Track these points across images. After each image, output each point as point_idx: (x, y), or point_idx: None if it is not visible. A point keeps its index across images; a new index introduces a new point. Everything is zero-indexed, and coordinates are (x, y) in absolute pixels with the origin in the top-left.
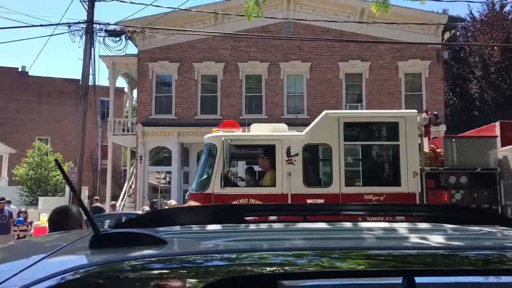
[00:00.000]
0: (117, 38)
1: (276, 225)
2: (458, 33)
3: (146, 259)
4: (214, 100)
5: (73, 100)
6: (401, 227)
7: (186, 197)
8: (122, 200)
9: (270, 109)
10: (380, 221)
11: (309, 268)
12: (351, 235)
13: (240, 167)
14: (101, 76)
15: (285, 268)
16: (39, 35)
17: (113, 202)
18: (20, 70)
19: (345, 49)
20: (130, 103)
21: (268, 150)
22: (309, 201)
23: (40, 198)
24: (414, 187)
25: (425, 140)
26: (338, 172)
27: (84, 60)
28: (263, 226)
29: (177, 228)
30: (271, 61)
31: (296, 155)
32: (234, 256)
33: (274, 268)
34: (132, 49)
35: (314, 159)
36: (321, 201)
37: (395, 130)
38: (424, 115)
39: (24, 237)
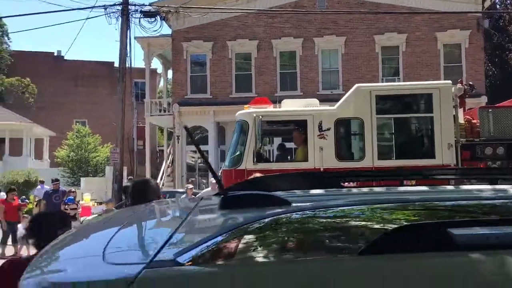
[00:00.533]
0: (152, 19)
1: (378, 189)
2: (497, 0)
3: (300, 212)
4: (249, 78)
5: (107, 82)
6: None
7: (220, 173)
8: (161, 179)
9: (304, 85)
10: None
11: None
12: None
13: (273, 143)
14: (135, 58)
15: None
16: (73, 19)
17: None
18: (56, 54)
19: (381, 22)
20: (165, 84)
21: (300, 125)
22: None
23: (82, 179)
24: (449, 159)
25: (460, 111)
26: (371, 145)
27: (120, 42)
28: (366, 190)
29: (282, 193)
30: (305, 37)
31: (328, 129)
32: (384, 206)
33: (444, 216)
34: (166, 29)
35: (346, 133)
36: None
37: (429, 101)
38: (458, 85)
39: (74, 215)
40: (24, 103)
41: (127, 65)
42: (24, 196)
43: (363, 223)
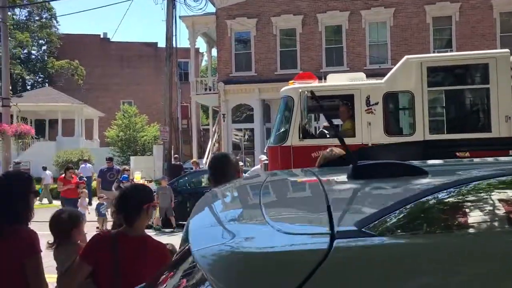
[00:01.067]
0: None
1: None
2: None
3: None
4: (294, 55)
5: (151, 63)
6: None
7: (265, 151)
8: (207, 158)
9: (351, 60)
10: None
11: None
12: None
13: (318, 119)
14: (180, 38)
15: None
16: (119, 1)
17: (193, 160)
18: (102, 36)
19: None
20: (209, 63)
21: (347, 100)
22: None
23: (132, 158)
24: (506, 132)
25: None
26: (422, 119)
27: (167, 21)
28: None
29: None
30: (351, 10)
31: (376, 103)
32: None
33: None
34: (210, 8)
35: (395, 107)
36: None
37: (484, 72)
38: None
39: None
40: (73, 85)
41: (173, 44)
42: (82, 174)
43: None
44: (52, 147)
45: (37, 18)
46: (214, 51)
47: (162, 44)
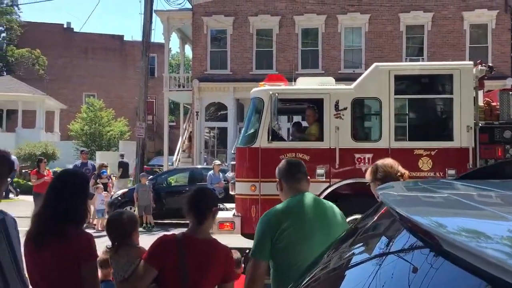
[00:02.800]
0: None
1: None
2: None
3: None
4: (270, 55)
5: (117, 56)
6: None
7: (233, 152)
8: (177, 155)
9: (326, 63)
10: None
11: None
12: None
13: (288, 121)
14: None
15: None
16: None
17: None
18: (65, 26)
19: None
20: (182, 59)
21: (315, 104)
22: (357, 155)
23: (97, 153)
24: (467, 142)
25: (480, 93)
26: (388, 126)
27: (144, 15)
28: None
29: None
30: (328, 14)
31: (345, 109)
32: None
33: None
34: (186, 4)
35: (363, 113)
36: (370, 156)
37: (449, 82)
38: (479, 67)
39: (106, 189)
40: (33, 75)
41: (131, 38)
42: (55, 169)
43: None
44: (11, 138)
45: None
46: (187, 48)
47: (128, 37)
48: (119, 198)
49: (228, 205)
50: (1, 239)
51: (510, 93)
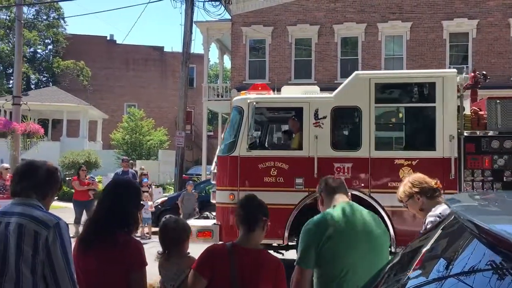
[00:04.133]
0: (217, 3)
1: None
2: None
3: None
4: (308, 64)
5: (157, 67)
6: None
7: (215, 160)
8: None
9: None
10: None
11: None
12: None
13: (267, 130)
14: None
15: None
16: (129, 4)
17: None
18: (108, 38)
19: (449, 7)
20: (221, 69)
21: (295, 113)
22: (336, 165)
23: (138, 162)
24: (450, 152)
25: (468, 101)
26: (368, 135)
27: (184, 26)
28: None
29: None
30: (368, 22)
31: (324, 117)
32: None
33: None
34: (226, 15)
35: (342, 122)
36: (349, 165)
37: (431, 91)
38: (464, 75)
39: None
40: (77, 85)
41: (171, 49)
42: (92, 176)
43: None
44: (56, 147)
45: (44, 17)
46: (226, 58)
47: (168, 48)
48: (159, 206)
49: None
50: (56, 244)
51: (498, 101)
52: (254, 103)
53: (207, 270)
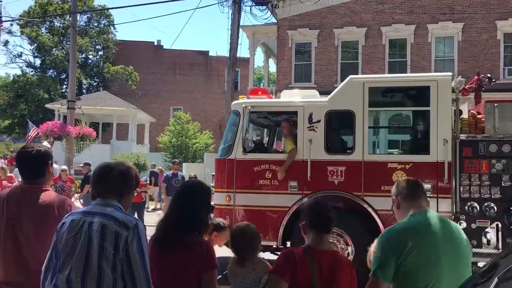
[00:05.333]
0: (263, 7)
1: None
2: None
3: None
4: (355, 67)
5: (202, 71)
6: None
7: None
8: None
9: None
10: None
11: None
12: None
13: (264, 133)
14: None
15: None
16: (175, 11)
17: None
18: (155, 44)
19: (504, 6)
20: (266, 73)
21: (290, 117)
22: (329, 168)
23: (184, 164)
24: (444, 156)
25: (465, 105)
26: (362, 139)
27: (231, 31)
28: None
29: None
30: (417, 24)
31: (318, 121)
32: None
33: None
34: (271, 18)
35: (336, 126)
36: (343, 168)
37: (425, 95)
38: (459, 78)
39: None
40: (126, 90)
41: (215, 54)
42: (145, 177)
43: None
44: (106, 150)
45: (96, 24)
46: (271, 62)
47: (213, 52)
48: None
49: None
50: (134, 244)
51: (496, 104)
52: (249, 107)
53: (288, 274)
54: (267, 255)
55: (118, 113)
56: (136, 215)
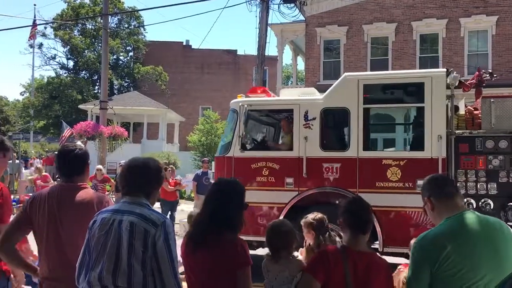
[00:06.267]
0: (291, 5)
1: None
2: None
3: None
4: (385, 63)
5: (230, 70)
6: None
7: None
8: None
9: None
10: None
11: None
12: None
13: (262, 131)
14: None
15: None
16: (203, 11)
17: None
18: (184, 44)
19: None
20: (295, 71)
21: (287, 115)
22: (325, 165)
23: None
24: (438, 152)
25: (462, 101)
26: (356, 135)
27: (260, 29)
28: None
29: None
30: (449, 18)
31: (314, 119)
32: None
33: None
34: (299, 16)
35: (331, 123)
36: (338, 165)
37: (420, 91)
38: (454, 74)
39: None
40: (156, 90)
41: (241, 52)
42: (179, 176)
43: None
44: (137, 149)
45: (126, 25)
46: (299, 59)
47: (241, 51)
48: None
49: None
50: (162, 241)
51: (492, 100)
52: (246, 105)
53: (321, 274)
54: (265, 251)
55: (148, 113)
56: (169, 213)
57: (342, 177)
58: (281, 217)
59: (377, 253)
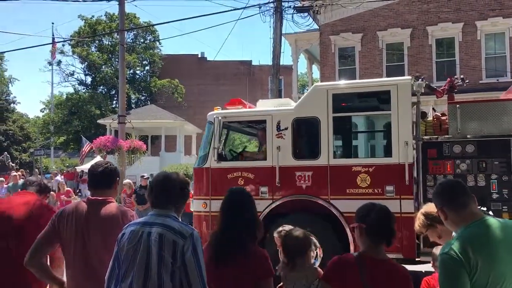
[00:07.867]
0: (305, 14)
1: None
2: None
3: None
4: (401, 69)
5: (245, 80)
6: None
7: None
8: None
9: (465, 74)
10: None
11: None
12: None
13: (237, 142)
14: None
15: None
16: (218, 23)
17: None
18: (199, 56)
19: None
20: (310, 79)
21: (261, 125)
22: (297, 173)
23: None
24: (405, 158)
25: (429, 107)
26: (326, 144)
27: (274, 39)
28: None
29: None
30: (465, 21)
31: (286, 129)
32: None
33: None
34: (313, 25)
35: (303, 132)
36: (310, 173)
37: (386, 99)
38: (419, 81)
39: None
40: (172, 102)
41: (252, 62)
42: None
43: None
44: (156, 162)
45: (142, 40)
46: (314, 68)
47: (255, 62)
48: None
49: None
50: (190, 252)
51: (458, 106)
52: (220, 117)
53: (337, 281)
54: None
55: (166, 126)
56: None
57: (314, 184)
58: None
59: (396, 262)
